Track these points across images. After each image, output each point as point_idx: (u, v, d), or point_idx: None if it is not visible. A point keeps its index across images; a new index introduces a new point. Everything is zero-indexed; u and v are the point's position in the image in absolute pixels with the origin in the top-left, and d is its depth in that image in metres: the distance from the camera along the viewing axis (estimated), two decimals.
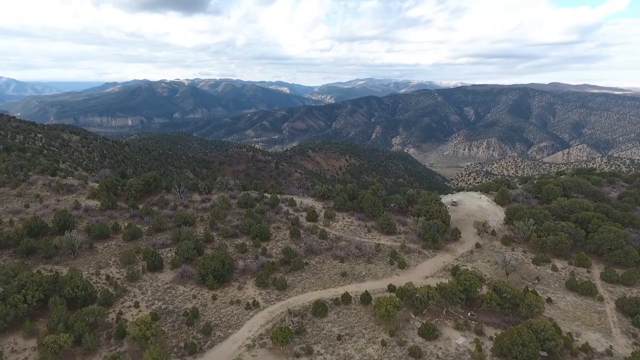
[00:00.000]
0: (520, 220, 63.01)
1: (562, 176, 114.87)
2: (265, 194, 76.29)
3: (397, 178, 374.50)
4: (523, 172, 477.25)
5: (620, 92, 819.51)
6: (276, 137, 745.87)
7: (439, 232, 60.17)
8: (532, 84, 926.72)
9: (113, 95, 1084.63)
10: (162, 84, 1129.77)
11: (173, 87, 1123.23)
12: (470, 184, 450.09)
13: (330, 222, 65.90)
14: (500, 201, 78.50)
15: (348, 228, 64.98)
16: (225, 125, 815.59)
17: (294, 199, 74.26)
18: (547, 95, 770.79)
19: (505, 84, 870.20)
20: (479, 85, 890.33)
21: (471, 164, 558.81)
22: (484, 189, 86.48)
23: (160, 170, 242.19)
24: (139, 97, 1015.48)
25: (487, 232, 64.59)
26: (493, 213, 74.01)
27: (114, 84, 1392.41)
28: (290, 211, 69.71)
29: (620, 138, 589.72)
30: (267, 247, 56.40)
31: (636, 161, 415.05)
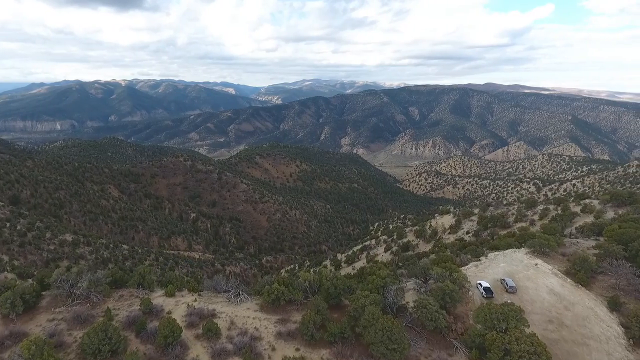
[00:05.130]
0: None
1: (587, 200, 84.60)
2: (157, 299, 35.78)
3: (351, 183, 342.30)
4: (470, 170, 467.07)
5: (548, 92, 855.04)
6: (222, 140, 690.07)
7: None
8: (469, 84, 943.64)
9: (39, 96, 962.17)
10: (96, 85, 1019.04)
11: (108, 88, 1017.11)
12: (422, 184, 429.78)
13: None
14: (580, 277, 44.59)
15: None
16: (166, 128, 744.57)
17: (218, 311, 34.63)
18: (484, 95, 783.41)
19: (446, 84, 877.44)
20: (421, 85, 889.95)
21: (420, 164, 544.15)
22: (537, 247, 51.28)
23: (72, 189, 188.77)
24: (69, 98, 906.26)
25: None
26: (591, 312, 39.20)
27: (41, 84, 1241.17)
28: (205, 358, 30.13)
29: (553, 135, 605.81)
30: None
31: (575, 158, 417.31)
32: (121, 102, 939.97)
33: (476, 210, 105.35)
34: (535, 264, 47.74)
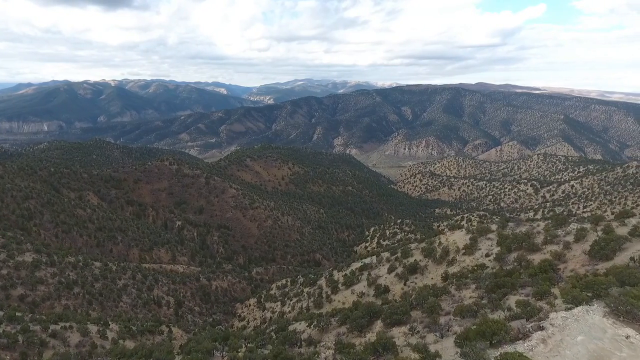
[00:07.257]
0: None
1: (635, 220, 71.00)
2: None
3: (345, 186, 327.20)
4: (465, 171, 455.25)
5: (539, 92, 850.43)
6: (213, 140, 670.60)
7: None
8: (461, 84, 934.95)
9: (26, 97, 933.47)
10: (85, 85, 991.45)
11: (97, 89, 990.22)
12: (416, 185, 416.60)
13: None
14: None
15: None
16: (156, 129, 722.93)
17: None
18: (476, 94, 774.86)
19: (438, 84, 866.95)
20: (413, 85, 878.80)
21: (414, 164, 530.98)
22: (621, 307, 37.28)
23: (44, 198, 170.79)
24: (57, 99, 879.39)
25: None
26: None
27: (29, 84, 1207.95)
28: None
29: (545, 134, 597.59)
30: None
31: (570, 158, 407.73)
32: (110, 102, 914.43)
33: (494, 227, 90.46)
34: (627, 337, 32.71)
